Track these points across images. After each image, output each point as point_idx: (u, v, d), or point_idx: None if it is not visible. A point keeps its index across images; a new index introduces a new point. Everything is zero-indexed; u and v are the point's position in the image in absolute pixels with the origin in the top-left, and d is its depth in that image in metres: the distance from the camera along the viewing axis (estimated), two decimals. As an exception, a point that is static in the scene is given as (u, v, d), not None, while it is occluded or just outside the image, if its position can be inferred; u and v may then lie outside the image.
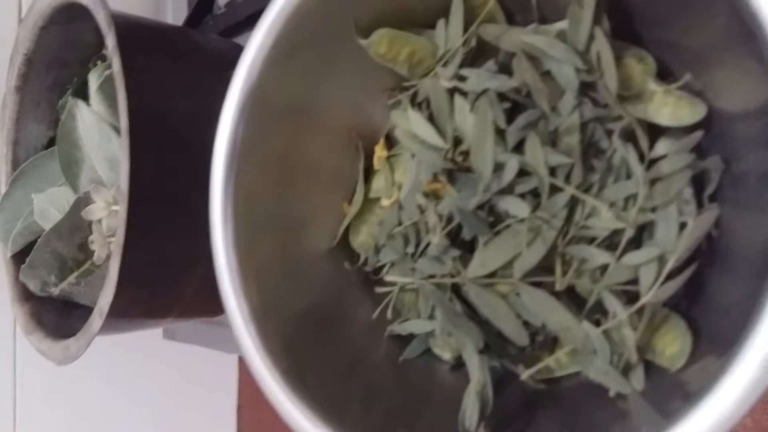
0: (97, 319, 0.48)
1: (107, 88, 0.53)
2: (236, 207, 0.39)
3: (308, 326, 0.42)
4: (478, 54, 0.40)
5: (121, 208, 0.45)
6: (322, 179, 0.44)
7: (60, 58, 0.58)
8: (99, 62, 0.57)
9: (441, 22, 0.41)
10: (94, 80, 0.55)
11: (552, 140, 0.36)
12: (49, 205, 0.57)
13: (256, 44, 0.39)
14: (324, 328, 0.42)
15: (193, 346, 0.72)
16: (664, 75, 0.38)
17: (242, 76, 0.39)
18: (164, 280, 0.50)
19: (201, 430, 0.81)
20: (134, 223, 0.45)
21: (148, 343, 0.77)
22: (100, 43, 0.49)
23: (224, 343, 0.70)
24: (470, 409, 0.36)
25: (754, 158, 0.34)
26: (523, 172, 0.35)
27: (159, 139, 0.47)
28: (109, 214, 0.52)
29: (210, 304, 0.55)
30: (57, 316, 0.57)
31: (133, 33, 0.50)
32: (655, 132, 0.37)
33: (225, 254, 0.39)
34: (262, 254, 0.40)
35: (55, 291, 0.56)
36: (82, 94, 0.56)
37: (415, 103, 0.41)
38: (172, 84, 0.51)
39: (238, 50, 0.39)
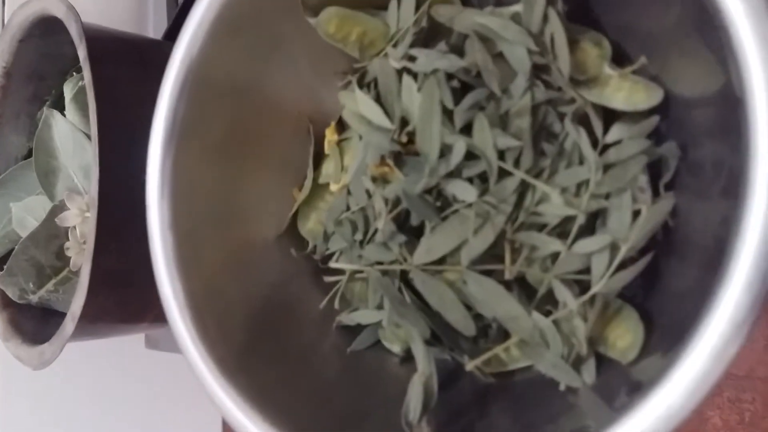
0: (69, 323, 0.48)
1: (81, 98, 0.53)
2: (175, 188, 0.38)
3: (253, 316, 0.40)
4: (431, 36, 0.39)
5: (92, 214, 0.46)
6: (271, 164, 0.42)
7: (39, 71, 0.59)
8: (75, 74, 0.58)
9: (393, 2, 0.39)
10: (68, 90, 0.56)
11: (502, 123, 0.34)
12: (27, 213, 0.58)
13: (197, 18, 0.37)
14: (270, 319, 0.41)
15: (178, 356, 0.70)
16: (621, 60, 0.36)
17: (182, 51, 0.37)
18: (137, 285, 0.50)
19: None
20: (105, 228, 0.46)
21: (130, 353, 0.76)
22: (77, 56, 0.50)
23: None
24: (414, 401, 0.34)
25: (710, 146, 0.33)
26: (471, 155, 0.34)
27: (130, 147, 0.47)
28: (83, 220, 0.53)
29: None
30: (35, 324, 0.57)
31: (105, 45, 0.52)
32: (611, 118, 0.36)
33: (161, 237, 0.37)
34: (202, 239, 0.39)
35: (33, 298, 0.56)
36: (60, 105, 0.57)
37: (363, 83, 0.39)
38: (144, 94, 0.51)
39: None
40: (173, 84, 0.37)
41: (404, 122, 0.36)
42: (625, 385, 0.32)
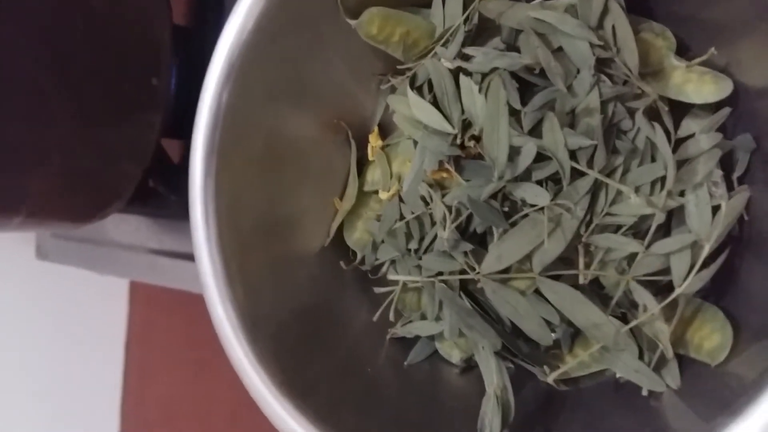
0: None
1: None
2: (218, 205, 0.36)
3: (302, 331, 0.38)
4: (477, 34, 0.37)
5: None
6: (311, 173, 0.41)
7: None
8: None
9: (437, 0, 0.38)
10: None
11: (570, 122, 0.33)
12: None
13: (236, 27, 0.35)
14: (319, 333, 0.39)
15: (69, 268, 0.65)
16: (681, 51, 0.35)
17: (221, 61, 0.35)
18: (7, 169, 0.45)
19: (83, 367, 0.72)
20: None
21: (20, 264, 0.70)
22: None
23: (103, 265, 0.63)
24: (490, 415, 0.33)
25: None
26: (539, 157, 0.33)
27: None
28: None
29: (69, 208, 0.50)
30: None
31: None
32: (674, 112, 0.34)
33: (209, 258, 0.35)
34: (248, 256, 0.37)
35: None
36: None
37: (414, 86, 0.37)
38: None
39: None
40: (212, 96, 0.35)
41: (466, 125, 0.34)
42: (716, 390, 0.30)
